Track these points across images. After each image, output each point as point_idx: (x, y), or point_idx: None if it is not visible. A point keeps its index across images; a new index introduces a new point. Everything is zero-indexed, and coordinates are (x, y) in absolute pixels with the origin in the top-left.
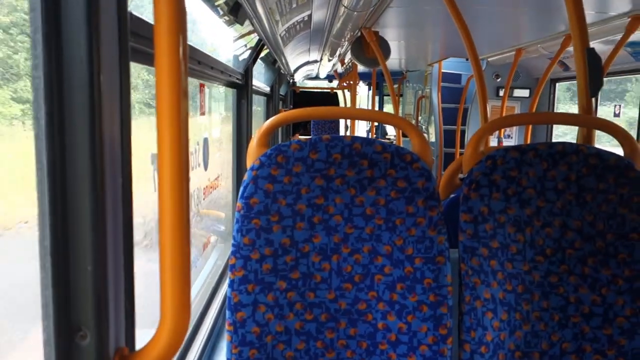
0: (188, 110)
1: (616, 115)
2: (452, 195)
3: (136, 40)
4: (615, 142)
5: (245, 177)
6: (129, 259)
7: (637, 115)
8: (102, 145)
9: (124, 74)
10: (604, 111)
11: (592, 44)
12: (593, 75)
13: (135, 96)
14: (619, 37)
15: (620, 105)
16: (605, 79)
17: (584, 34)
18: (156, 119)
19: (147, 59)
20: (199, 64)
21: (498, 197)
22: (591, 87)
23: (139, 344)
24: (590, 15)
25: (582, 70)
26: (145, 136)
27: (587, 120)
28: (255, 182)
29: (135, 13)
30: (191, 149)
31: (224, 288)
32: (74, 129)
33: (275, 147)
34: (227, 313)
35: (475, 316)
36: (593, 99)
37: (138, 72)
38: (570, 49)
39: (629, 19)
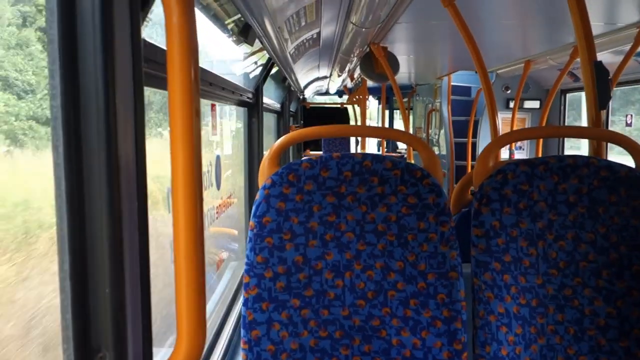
0: (201, 132)
1: (628, 124)
2: (463, 210)
3: (149, 66)
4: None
5: (258, 196)
6: (145, 281)
7: None
8: (118, 170)
9: (138, 99)
10: (617, 119)
11: (601, 54)
12: (601, 88)
13: None
14: (628, 47)
15: (632, 115)
16: (615, 89)
17: (591, 47)
18: (170, 141)
19: (160, 83)
20: (210, 85)
21: (509, 211)
22: (600, 100)
23: None
24: (598, 26)
25: (590, 83)
26: None
27: (597, 133)
28: (268, 200)
29: (148, 39)
30: (204, 168)
31: (239, 306)
32: (90, 155)
33: (286, 166)
34: (242, 331)
35: (490, 330)
36: (603, 111)
37: None
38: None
39: (638, 30)
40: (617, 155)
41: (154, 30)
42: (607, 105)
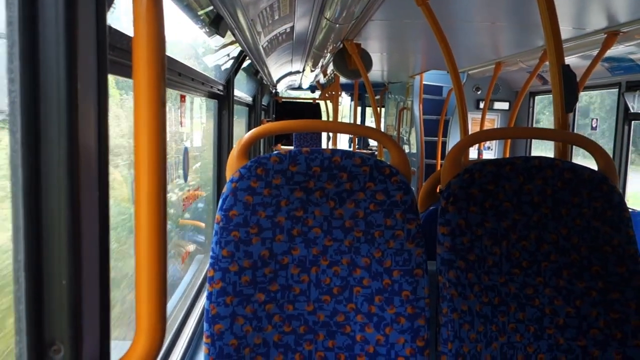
0: (166, 122)
1: (593, 128)
2: (431, 208)
3: (115, 53)
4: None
5: (225, 189)
6: (105, 273)
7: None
8: (78, 159)
9: (102, 87)
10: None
11: (570, 59)
12: (568, 91)
13: None
14: (595, 52)
15: (597, 119)
16: (582, 93)
17: (560, 51)
18: (134, 131)
19: (126, 71)
20: (179, 76)
21: (475, 210)
22: (567, 102)
23: (114, 357)
24: (567, 30)
25: (557, 86)
26: None
27: (563, 135)
28: (235, 194)
29: (114, 26)
30: (171, 159)
31: (202, 300)
32: (50, 143)
33: (255, 160)
34: (205, 325)
35: (453, 328)
36: (570, 114)
37: None
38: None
39: (605, 35)
40: (584, 159)
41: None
42: (574, 108)
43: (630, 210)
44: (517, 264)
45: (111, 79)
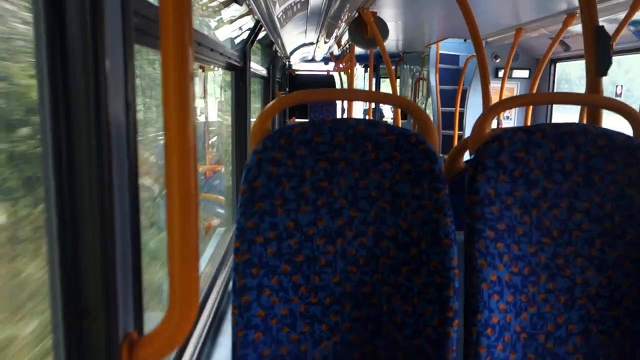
0: (194, 92)
1: (618, 95)
2: (455, 178)
3: (140, 22)
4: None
5: (248, 160)
6: (136, 244)
7: None
8: (108, 130)
9: (128, 56)
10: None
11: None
12: (602, 54)
13: None
14: (622, 15)
15: (622, 85)
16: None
17: (594, 12)
18: (162, 101)
19: (152, 42)
20: (199, 46)
21: (504, 179)
22: (600, 66)
23: (147, 328)
24: None
25: (590, 49)
26: None
27: (596, 100)
28: (259, 165)
29: None
30: None
31: (226, 271)
32: (79, 112)
33: (278, 130)
34: (232, 296)
35: (482, 298)
36: (602, 78)
37: None
38: (572, 28)
39: None
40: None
41: None
42: (607, 71)
43: None
44: (547, 233)
45: None
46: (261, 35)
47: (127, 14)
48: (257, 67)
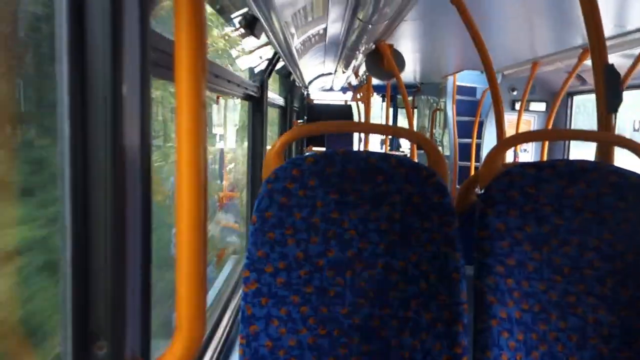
0: (206, 123)
1: (636, 130)
2: (466, 211)
3: (157, 56)
4: None
5: (261, 190)
6: (146, 270)
7: None
8: (123, 157)
9: (145, 88)
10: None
11: (611, 57)
12: (612, 91)
13: None
14: (637, 50)
15: (639, 120)
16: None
17: (603, 49)
18: (176, 132)
19: (167, 74)
20: (216, 77)
21: (515, 213)
22: (610, 103)
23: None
24: (609, 29)
25: (600, 86)
26: None
27: (606, 137)
28: (271, 195)
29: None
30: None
31: (236, 300)
32: (96, 140)
33: (290, 161)
34: (241, 326)
35: (491, 335)
36: (613, 115)
37: None
38: (588, 62)
39: None
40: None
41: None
42: (617, 108)
43: None
44: (558, 271)
45: None
46: (279, 65)
47: (144, 48)
48: (274, 96)
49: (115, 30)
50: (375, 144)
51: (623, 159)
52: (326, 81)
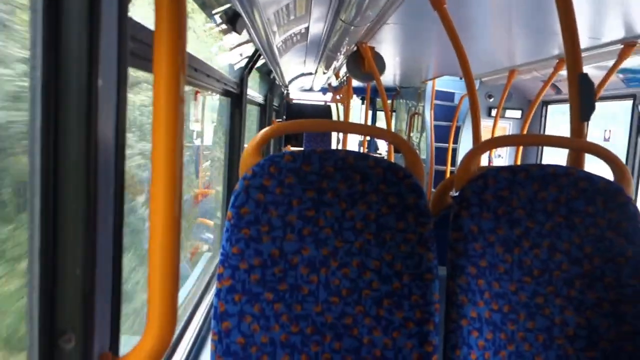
0: (184, 116)
1: (606, 140)
2: (442, 213)
3: (135, 46)
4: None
5: (237, 186)
6: (117, 265)
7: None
8: (96, 149)
9: (122, 78)
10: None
11: (585, 68)
12: (585, 100)
13: None
14: (611, 62)
15: (610, 130)
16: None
17: (578, 59)
18: (152, 124)
19: (146, 66)
20: (195, 71)
21: (488, 216)
22: (583, 111)
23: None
24: (584, 40)
25: (574, 94)
26: None
27: (578, 144)
28: (247, 191)
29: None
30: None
31: (209, 297)
32: (69, 131)
33: (268, 158)
34: (213, 322)
35: (461, 334)
36: (585, 123)
37: None
38: (563, 72)
39: (622, 46)
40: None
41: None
42: (590, 117)
43: None
44: (528, 272)
45: None
46: (260, 63)
47: (123, 37)
48: (254, 94)
49: (92, 17)
50: (354, 146)
51: (593, 166)
52: (306, 81)
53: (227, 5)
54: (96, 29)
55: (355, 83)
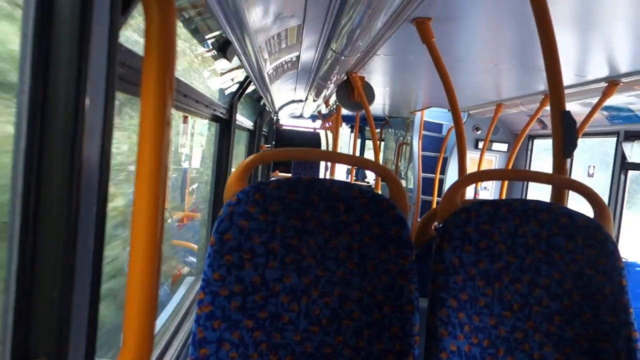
0: (170, 142)
1: (590, 175)
2: (425, 245)
3: (125, 71)
4: None
5: (222, 212)
6: (95, 289)
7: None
8: (79, 173)
9: (109, 103)
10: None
11: (570, 105)
12: (568, 137)
13: None
14: (596, 99)
15: (594, 166)
16: (580, 139)
17: (561, 97)
18: (138, 149)
19: (134, 90)
20: (184, 97)
21: (470, 249)
22: (566, 148)
23: None
24: (569, 77)
25: (557, 131)
26: None
27: (560, 181)
28: (231, 218)
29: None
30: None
31: (188, 323)
32: (53, 153)
33: (253, 185)
34: (191, 349)
35: None
36: (568, 159)
37: None
38: (548, 108)
39: (606, 84)
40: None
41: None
42: (572, 154)
43: (623, 260)
44: (508, 307)
45: None
46: (250, 89)
47: (112, 63)
48: (243, 119)
49: (82, 39)
50: (342, 173)
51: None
52: (297, 108)
53: (218, 32)
54: (86, 52)
55: (344, 111)
